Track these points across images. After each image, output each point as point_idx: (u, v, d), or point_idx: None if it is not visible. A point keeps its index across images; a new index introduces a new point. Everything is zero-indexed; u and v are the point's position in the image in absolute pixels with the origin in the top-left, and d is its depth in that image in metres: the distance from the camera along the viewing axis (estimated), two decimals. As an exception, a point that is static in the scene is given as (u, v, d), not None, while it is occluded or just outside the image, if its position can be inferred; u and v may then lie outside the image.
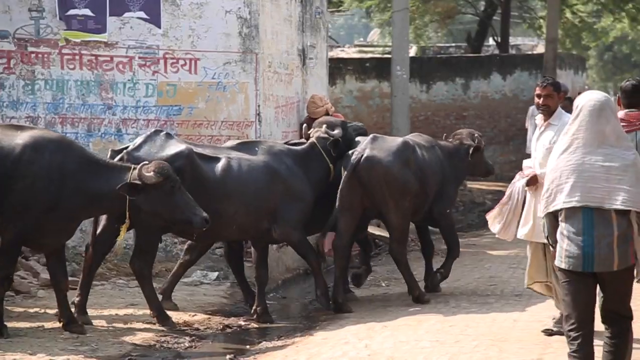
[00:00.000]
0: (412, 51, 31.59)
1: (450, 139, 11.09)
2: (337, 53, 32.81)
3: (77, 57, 11.60)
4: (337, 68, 25.05)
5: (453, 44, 39.45)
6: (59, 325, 8.66)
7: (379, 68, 25.39)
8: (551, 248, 6.07)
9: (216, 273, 11.16)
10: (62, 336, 8.43)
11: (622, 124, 6.93)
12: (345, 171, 9.86)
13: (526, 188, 8.30)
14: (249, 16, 11.62)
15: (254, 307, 9.63)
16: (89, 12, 11.56)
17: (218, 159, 9.47)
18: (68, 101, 11.62)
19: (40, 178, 8.21)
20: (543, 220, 6.10)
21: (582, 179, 5.81)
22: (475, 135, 11.07)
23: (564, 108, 19.03)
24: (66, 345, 8.18)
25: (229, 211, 9.35)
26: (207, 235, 9.27)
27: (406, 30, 17.81)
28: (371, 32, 50.43)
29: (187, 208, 8.47)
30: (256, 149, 9.77)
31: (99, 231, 9.18)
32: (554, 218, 5.96)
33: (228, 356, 8.26)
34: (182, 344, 8.58)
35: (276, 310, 10.19)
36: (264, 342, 8.82)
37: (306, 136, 10.30)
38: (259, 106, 11.65)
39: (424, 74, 25.71)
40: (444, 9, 29.99)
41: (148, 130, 11.27)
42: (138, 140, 9.41)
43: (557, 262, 5.92)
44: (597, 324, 6.03)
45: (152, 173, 8.30)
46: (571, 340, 5.86)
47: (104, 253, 9.42)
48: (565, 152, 5.92)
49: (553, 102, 8.29)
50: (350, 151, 10.00)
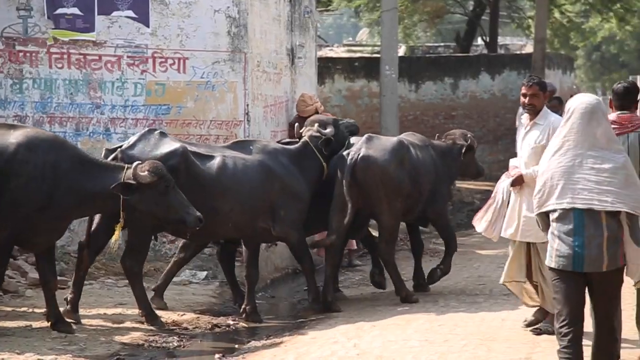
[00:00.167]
0: (401, 51, 31.62)
1: (442, 139, 11.11)
2: (326, 52, 32.82)
3: (66, 56, 11.58)
4: (326, 67, 25.05)
5: (442, 44, 39.47)
6: (47, 324, 8.63)
7: (368, 67, 25.41)
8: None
9: (205, 272, 11.15)
10: (50, 336, 8.41)
11: (614, 127, 6.97)
12: (340, 171, 9.86)
13: (511, 188, 8.33)
14: (238, 15, 11.61)
15: (243, 306, 9.63)
16: (77, 11, 11.53)
17: (212, 157, 9.47)
18: (56, 100, 11.59)
19: (33, 177, 8.20)
20: (536, 218, 6.18)
21: (573, 181, 5.88)
22: (468, 135, 11.11)
23: (553, 108, 19.12)
24: (54, 344, 8.16)
25: (224, 209, 9.35)
26: (203, 233, 9.28)
27: (395, 29, 17.83)
28: (360, 32, 50.50)
29: (181, 207, 8.48)
30: (251, 148, 9.77)
31: (93, 229, 9.17)
32: (547, 217, 6.04)
33: (217, 355, 8.25)
34: (171, 344, 8.57)
35: (265, 309, 10.18)
36: (253, 342, 8.82)
37: (298, 135, 10.29)
38: (248, 105, 11.64)
39: (413, 74, 25.73)
40: (433, 9, 30.03)
41: (136, 129, 11.28)
42: (132, 139, 9.40)
43: (548, 262, 5.99)
44: (587, 325, 6.08)
45: (147, 173, 8.31)
46: (562, 336, 5.92)
47: (97, 252, 9.40)
48: (556, 154, 5.98)
49: (539, 102, 8.31)
50: (345, 152, 10.00)
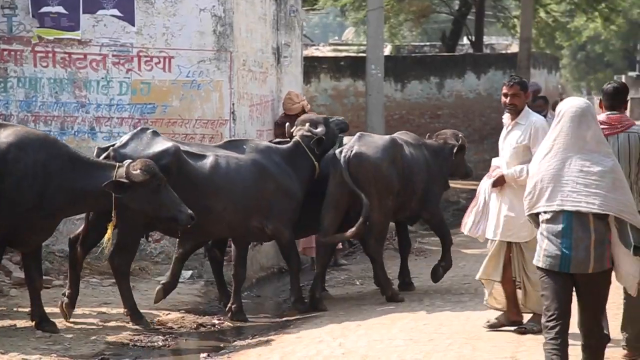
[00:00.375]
0: (387, 50, 31.64)
1: (434, 139, 11.13)
2: (312, 51, 32.82)
3: (50, 55, 11.54)
4: (312, 66, 25.04)
5: (427, 43, 39.55)
6: (32, 324, 8.61)
7: (354, 67, 25.42)
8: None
9: (190, 272, 11.13)
10: (35, 335, 8.39)
11: (604, 127, 7.02)
12: (333, 169, 9.87)
13: (492, 189, 8.36)
14: (224, 14, 11.59)
15: (229, 305, 9.62)
16: (62, 10, 11.49)
17: (205, 157, 9.47)
18: (41, 99, 11.55)
19: (24, 176, 8.19)
20: (528, 218, 6.27)
21: (562, 183, 5.95)
22: (459, 135, 11.16)
23: (539, 107, 19.20)
24: (39, 344, 8.14)
25: (217, 208, 9.35)
26: (196, 233, 9.29)
27: (381, 29, 17.84)
28: (346, 31, 50.51)
29: (173, 205, 8.51)
30: (244, 147, 9.77)
31: (84, 227, 9.18)
32: (537, 218, 6.12)
33: (202, 355, 8.24)
34: (156, 343, 8.56)
35: (250, 308, 10.17)
36: (238, 341, 8.82)
37: (289, 135, 10.28)
38: (234, 104, 11.63)
39: (399, 73, 25.75)
40: (419, 8, 30.07)
41: (122, 128, 11.26)
42: (125, 137, 9.40)
43: (536, 261, 6.08)
44: (574, 327, 6.12)
45: (139, 171, 8.34)
46: (549, 329, 5.99)
47: (89, 249, 9.38)
48: (546, 157, 6.05)
49: (520, 101, 8.33)
50: (337, 150, 10.01)
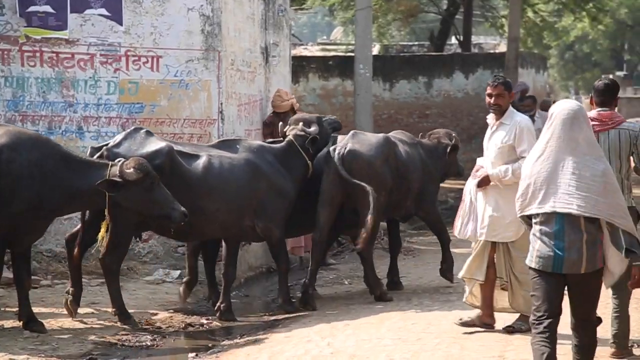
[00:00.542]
0: (375, 49, 31.64)
1: (427, 138, 11.15)
2: (300, 51, 32.80)
3: (38, 54, 11.51)
4: (300, 66, 25.04)
5: (416, 43, 39.56)
6: (19, 324, 8.59)
7: (342, 66, 25.41)
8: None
9: (178, 271, 11.12)
10: (23, 335, 8.37)
11: (595, 123, 7.06)
12: (327, 166, 9.87)
13: (477, 189, 8.37)
14: (212, 14, 11.57)
15: (218, 304, 9.61)
16: (50, 9, 11.46)
17: (198, 157, 9.47)
18: (28, 98, 11.51)
19: (20, 176, 8.20)
20: (520, 219, 6.29)
21: (555, 186, 5.98)
22: (452, 134, 11.19)
23: (527, 106, 19.21)
24: (26, 344, 8.12)
25: (211, 208, 9.35)
26: (190, 233, 9.30)
27: (369, 28, 17.83)
28: (334, 31, 50.49)
29: (166, 203, 8.57)
30: (237, 147, 9.77)
31: (80, 226, 9.20)
32: (529, 219, 6.16)
33: (190, 355, 8.23)
34: (144, 343, 8.55)
35: (239, 308, 10.16)
36: (226, 341, 8.81)
37: (282, 134, 10.27)
38: (222, 104, 11.61)
39: (387, 73, 25.75)
40: (407, 8, 30.08)
41: (109, 128, 11.25)
42: (118, 137, 9.42)
43: (528, 261, 6.10)
44: (566, 328, 6.14)
45: (132, 170, 8.38)
46: (537, 324, 6.02)
47: (86, 248, 9.38)
48: (539, 159, 6.08)
49: (504, 102, 8.36)
50: (332, 147, 10.02)
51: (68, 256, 9.36)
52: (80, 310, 9.44)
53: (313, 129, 10.06)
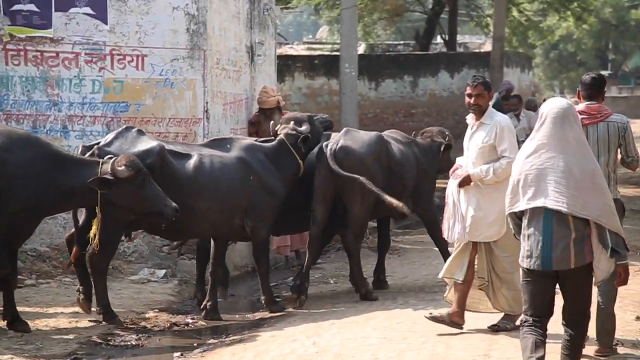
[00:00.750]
0: (361, 49, 31.67)
1: (419, 137, 11.15)
2: (286, 50, 32.82)
3: (22, 53, 11.46)
4: (286, 65, 25.05)
5: (401, 42, 39.65)
6: (4, 323, 8.55)
7: (328, 65, 25.45)
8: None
9: (164, 271, 11.10)
10: (7, 335, 8.33)
11: (583, 117, 7.10)
12: (319, 163, 9.87)
13: (458, 189, 8.38)
14: (197, 13, 11.56)
15: (204, 303, 9.59)
16: (34, 8, 11.42)
17: (190, 156, 9.45)
18: (13, 97, 11.47)
19: (15, 177, 8.18)
20: (507, 217, 6.33)
21: (544, 183, 6.02)
22: (446, 132, 11.18)
23: (513, 106, 19.15)
24: (10, 344, 8.09)
25: (202, 208, 9.33)
26: (181, 232, 9.27)
27: (355, 27, 17.85)
28: (320, 30, 50.52)
29: (158, 199, 8.59)
30: (228, 146, 9.75)
31: (80, 223, 9.16)
32: (517, 217, 6.20)
33: (176, 354, 8.21)
34: (129, 342, 8.52)
35: (224, 307, 10.15)
36: (212, 340, 8.79)
37: (273, 133, 10.24)
38: (207, 103, 11.60)
39: (373, 72, 25.79)
40: (392, 7, 30.13)
41: (94, 127, 11.23)
42: (109, 136, 9.40)
43: (520, 261, 6.14)
44: (556, 326, 6.15)
45: (124, 167, 8.39)
46: (527, 321, 6.06)
47: (85, 246, 9.35)
48: (530, 157, 6.12)
49: (484, 101, 8.39)
50: (324, 143, 10.01)
51: (70, 255, 9.33)
52: (65, 309, 9.42)
53: (304, 128, 10.05)
